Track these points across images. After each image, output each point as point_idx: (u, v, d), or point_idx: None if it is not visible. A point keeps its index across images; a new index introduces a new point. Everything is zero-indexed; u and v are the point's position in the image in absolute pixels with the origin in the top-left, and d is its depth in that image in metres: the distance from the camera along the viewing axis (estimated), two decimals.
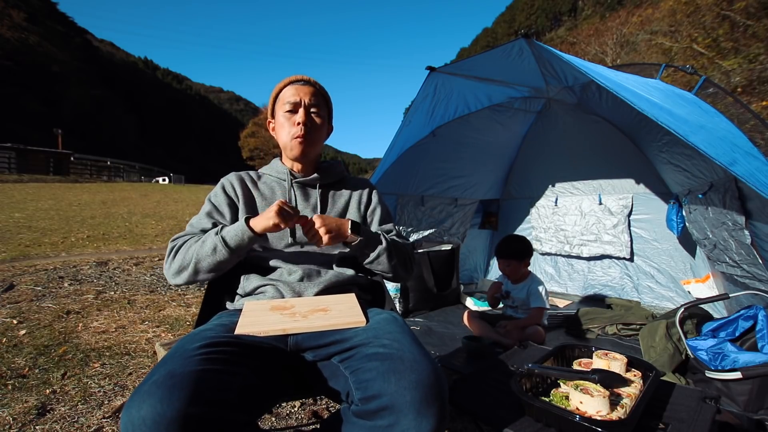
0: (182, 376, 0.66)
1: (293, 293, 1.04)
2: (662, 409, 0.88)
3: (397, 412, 0.69)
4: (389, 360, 0.76)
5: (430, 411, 0.69)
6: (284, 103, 1.16)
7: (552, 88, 3.14)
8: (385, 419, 0.70)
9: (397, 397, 0.70)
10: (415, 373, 0.73)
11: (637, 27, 20.86)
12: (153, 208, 10.95)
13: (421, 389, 0.71)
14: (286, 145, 1.18)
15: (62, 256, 4.70)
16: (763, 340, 1.68)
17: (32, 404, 1.61)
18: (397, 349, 0.79)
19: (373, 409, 0.71)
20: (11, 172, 17.90)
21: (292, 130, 1.16)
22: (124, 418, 0.63)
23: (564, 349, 1.11)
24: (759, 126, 2.03)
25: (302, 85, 1.18)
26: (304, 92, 1.17)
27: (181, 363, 0.70)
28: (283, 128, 1.17)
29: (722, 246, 2.19)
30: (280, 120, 1.18)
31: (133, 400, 0.64)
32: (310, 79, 1.20)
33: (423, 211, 3.55)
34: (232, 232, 0.99)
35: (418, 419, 0.68)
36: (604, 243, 3.49)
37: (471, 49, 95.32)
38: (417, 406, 0.69)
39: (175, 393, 0.63)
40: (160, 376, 0.66)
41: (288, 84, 1.19)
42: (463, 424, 1.55)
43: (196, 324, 1.17)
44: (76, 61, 79.06)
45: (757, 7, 11.89)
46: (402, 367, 0.74)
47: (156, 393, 0.63)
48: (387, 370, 0.74)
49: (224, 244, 0.98)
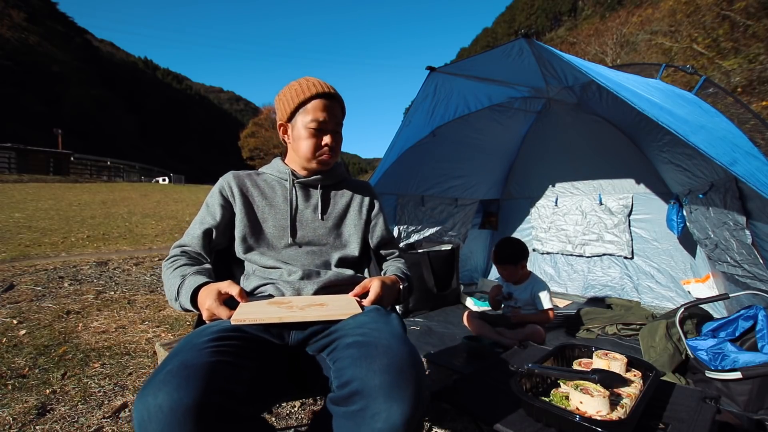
0: (196, 367, 0.67)
1: (294, 291, 1.05)
2: (662, 409, 0.88)
3: (367, 396, 0.69)
4: (364, 347, 0.77)
5: (400, 395, 0.68)
6: (310, 118, 1.12)
7: (552, 88, 3.14)
8: (357, 404, 0.70)
9: (367, 381, 0.70)
10: (386, 357, 0.73)
11: (637, 27, 20.86)
12: (153, 208, 10.95)
13: (391, 373, 0.71)
14: (306, 159, 1.17)
15: (62, 256, 4.70)
16: (763, 340, 1.68)
17: (32, 404, 1.61)
18: (375, 337, 0.80)
19: (346, 394, 0.72)
20: (11, 172, 17.89)
21: (317, 149, 1.15)
22: (139, 406, 0.64)
23: (564, 349, 1.11)
24: (759, 126, 2.03)
25: (329, 101, 1.15)
26: (331, 110, 1.15)
27: (193, 355, 0.71)
28: (305, 142, 1.15)
29: (723, 246, 2.19)
30: (302, 132, 1.14)
31: (147, 389, 0.65)
32: (336, 92, 1.17)
33: (423, 212, 3.55)
34: (184, 295, 0.95)
35: (388, 403, 0.68)
36: (605, 243, 3.49)
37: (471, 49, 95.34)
38: (386, 390, 0.69)
39: (191, 382, 0.64)
40: (174, 366, 0.67)
41: (315, 96, 1.13)
42: (463, 424, 1.55)
43: (196, 324, 1.17)
44: (76, 61, 79.07)
45: (757, 7, 11.89)
46: (375, 352, 0.75)
47: (172, 381, 0.64)
48: (360, 356, 0.75)
49: (177, 301, 0.98)
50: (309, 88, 1.13)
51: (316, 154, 1.16)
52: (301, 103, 1.13)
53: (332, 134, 1.16)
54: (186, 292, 0.94)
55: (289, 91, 1.16)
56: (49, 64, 66.74)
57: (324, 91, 1.14)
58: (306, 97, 1.13)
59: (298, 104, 1.13)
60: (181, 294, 0.96)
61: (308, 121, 1.13)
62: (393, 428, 0.67)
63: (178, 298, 0.96)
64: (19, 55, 59.96)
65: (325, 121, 1.13)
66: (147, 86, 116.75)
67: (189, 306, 0.94)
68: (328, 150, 1.16)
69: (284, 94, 1.17)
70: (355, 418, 0.70)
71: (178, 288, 0.96)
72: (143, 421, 0.63)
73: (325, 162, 1.18)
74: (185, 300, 0.94)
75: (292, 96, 1.14)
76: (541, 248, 3.93)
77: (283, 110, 1.17)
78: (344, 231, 1.22)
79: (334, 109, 1.16)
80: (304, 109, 1.14)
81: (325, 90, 1.14)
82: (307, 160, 1.17)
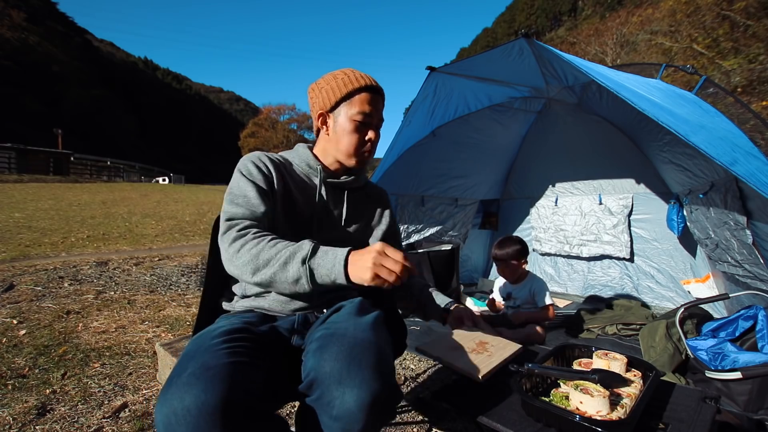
0: (218, 368, 0.67)
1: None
2: (662, 409, 0.88)
3: (321, 383, 0.70)
4: (324, 338, 0.77)
5: (352, 381, 0.68)
6: (356, 111, 1.08)
7: (552, 88, 3.14)
8: (315, 392, 0.71)
9: (319, 369, 0.71)
10: (338, 345, 0.73)
11: (637, 27, 20.87)
12: (153, 208, 10.95)
13: (341, 360, 0.70)
14: (347, 154, 1.11)
15: (62, 256, 4.70)
16: (763, 340, 1.68)
17: (32, 404, 1.61)
18: (337, 328, 0.80)
19: (306, 385, 0.72)
20: (11, 172, 17.90)
21: (360, 144, 1.11)
22: (164, 409, 0.63)
23: (564, 349, 1.11)
24: (759, 126, 2.03)
25: (376, 95, 1.11)
26: (377, 105, 1.11)
27: (211, 356, 0.70)
28: (349, 136, 1.09)
29: (724, 246, 2.19)
30: (346, 125, 1.09)
31: (171, 392, 0.64)
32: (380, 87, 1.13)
33: (423, 212, 3.55)
34: (324, 269, 0.84)
35: (340, 389, 0.68)
36: (604, 243, 3.49)
37: (471, 49, 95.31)
38: (337, 377, 0.69)
39: (217, 383, 0.64)
40: (196, 368, 0.67)
41: (363, 88, 1.08)
42: (463, 424, 1.55)
43: (195, 324, 1.16)
44: (76, 61, 79.08)
45: (757, 7, 11.90)
46: (330, 341, 0.75)
47: (198, 384, 0.64)
48: (318, 346, 0.75)
49: (310, 279, 0.85)
50: (357, 80, 1.08)
51: (359, 150, 1.11)
52: (348, 93, 1.08)
53: (375, 130, 1.12)
54: (328, 259, 0.84)
55: (335, 80, 1.10)
56: (49, 64, 66.74)
57: (373, 84, 1.10)
58: (354, 87, 1.08)
59: (345, 94, 1.08)
60: (317, 261, 0.84)
61: (354, 113, 1.08)
62: (348, 414, 0.67)
63: (308, 262, 0.84)
64: (19, 55, 59.97)
65: (371, 114, 1.09)
66: (147, 86, 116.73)
67: (333, 271, 0.83)
68: (371, 146, 1.12)
69: (327, 83, 1.10)
70: (316, 407, 0.71)
71: (306, 257, 0.85)
72: (170, 425, 0.62)
73: (366, 159, 1.14)
74: (339, 261, 0.83)
75: (339, 85, 1.08)
76: (541, 248, 3.93)
77: (326, 99, 1.10)
78: (362, 241, 1.20)
79: (379, 104, 1.12)
80: (351, 101, 1.08)
81: (374, 83, 1.10)
82: (348, 155, 1.11)
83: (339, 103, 1.09)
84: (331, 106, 1.10)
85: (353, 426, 0.68)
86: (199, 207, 11.88)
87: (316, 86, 1.14)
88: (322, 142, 1.16)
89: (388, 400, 0.71)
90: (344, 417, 0.67)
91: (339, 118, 1.10)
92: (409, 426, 1.56)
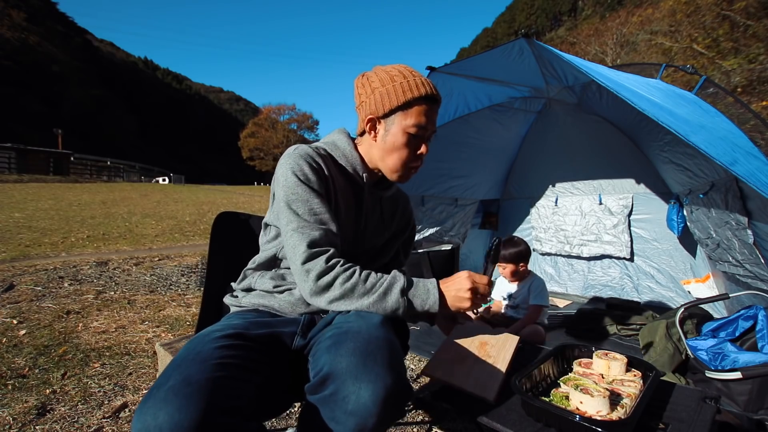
0: (199, 384, 0.65)
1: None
2: (662, 409, 0.88)
3: (336, 378, 0.69)
4: (337, 336, 0.77)
5: (368, 376, 0.68)
6: (412, 122, 0.98)
7: (552, 88, 3.14)
8: (329, 388, 0.70)
9: (335, 364, 0.70)
10: (354, 341, 0.73)
11: (637, 27, 20.89)
12: (153, 208, 10.95)
13: (357, 355, 0.70)
14: (393, 168, 1.03)
15: (62, 256, 4.70)
16: (763, 340, 1.68)
17: (32, 404, 1.61)
18: (349, 326, 0.80)
19: (318, 381, 0.72)
20: (11, 172, 17.90)
21: (410, 159, 1.02)
22: (137, 424, 0.62)
23: (564, 349, 1.11)
24: (759, 126, 2.03)
25: (434, 105, 1.02)
26: (433, 116, 1.02)
27: (197, 368, 0.68)
28: (399, 149, 1.00)
29: (726, 245, 2.19)
30: (399, 137, 0.99)
31: (147, 407, 0.62)
32: (439, 95, 1.04)
33: (423, 212, 3.55)
34: (419, 299, 0.88)
35: (356, 384, 0.67)
36: (604, 243, 3.49)
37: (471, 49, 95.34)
38: (353, 371, 0.68)
39: (193, 402, 0.62)
40: (177, 383, 0.65)
41: (424, 98, 0.98)
42: (463, 424, 1.55)
43: (198, 324, 1.16)
44: (76, 61, 79.09)
45: (757, 7, 11.90)
46: (344, 338, 0.75)
47: (173, 401, 0.62)
48: (332, 344, 0.75)
49: (408, 309, 0.88)
50: (417, 87, 0.98)
51: (407, 165, 1.03)
52: (406, 102, 0.97)
53: (427, 143, 1.03)
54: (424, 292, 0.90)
55: (392, 83, 0.98)
56: (49, 64, 66.75)
57: (433, 93, 1.00)
58: (414, 97, 0.97)
59: (402, 103, 0.97)
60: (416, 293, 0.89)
61: (409, 125, 0.98)
62: (364, 409, 0.67)
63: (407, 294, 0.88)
64: (19, 55, 60.00)
65: (426, 127, 1.00)
66: (147, 86, 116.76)
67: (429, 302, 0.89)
68: (420, 162, 1.04)
69: (383, 84, 0.99)
70: (328, 403, 0.70)
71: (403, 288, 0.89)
72: None
73: (411, 175, 1.06)
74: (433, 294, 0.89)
75: (396, 91, 0.97)
76: (541, 248, 3.93)
77: (379, 103, 0.99)
78: (389, 245, 1.18)
79: (435, 115, 1.03)
80: (408, 111, 0.98)
81: (434, 92, 1.00)
82: (394, 169, 1.03)
83: (394, 111, 0.99)
84: (385, 112, 0.99)
85: (368, 420, 0.67)
86: (199, 207, 11.87)
87: (368, 84, 1.03)
88: (366, 145, 1.07)
89: (401, 396, 0.72)
90: (359, 412, 0.67)
91: (391, 128, 1.00)
92: (409, 426, 1.56)
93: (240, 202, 14.53)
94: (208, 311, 1.16)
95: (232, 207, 11.97)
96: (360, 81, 1.06)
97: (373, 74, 1.03)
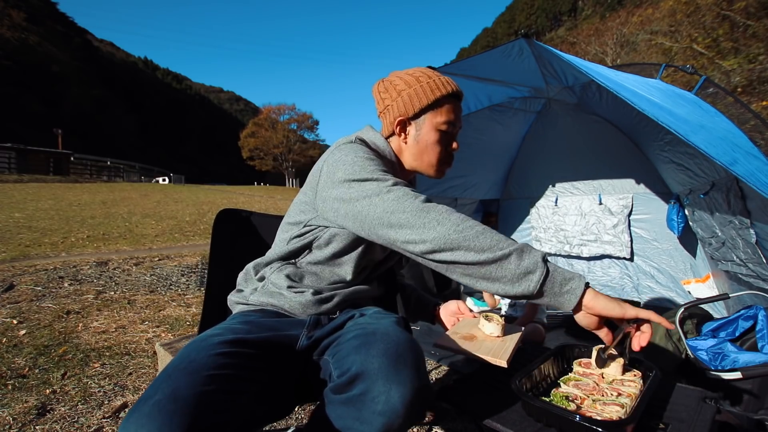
0: (186, 400, 0.64)
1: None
2: (662, 409, 0.88)
3: (367, 378, 0.69)
4: (364, 336, 0.78)
5: (399, 377, 0.69)
6: (443, 120, 1.01)
7: (552, 88, 3.14)
8: (358, 388, 0.70)
9: (367, 364, 0.70)
10: (384, 343, 0.74)
11: (637, 27, 20.90)
12: (153, 208, 10.95)
13: (389, 356, 0.71)
14: (430, 165, 1.06)
15: (62, 256, 4.70)
16: (763, 340, 1.68)
17: (32, 404, 1.61)
18: (374, 327, 0.81)
19: (346, 380, 0.72)
20: (11, 172, 17.90)
21: (445, 155, 1.06)
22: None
23: (564, 349, 1.11)
24: (759, 126, 2.03)
25: (459, 102, 1.05)
26: (460, 113, 1.05)
27: (186, 381, 0.67)
28: (434, 147, 1.03)
29: (730, 244, 2.19)
30: (431, 136, 1.02)
31: (130, 422, 0.61)
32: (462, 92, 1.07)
33: None
34: (560, 276, 0.78)
35: (387, 385, 0.68)
36: (604, 243, 3.49)
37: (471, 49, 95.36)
38: (385, 372, 0.69)
39: (176, 420, 0.61)
40: (163, 397, 0.63)
41: (451, 95, 1.02)
42: (463, 424, 1.55)
43: (200, 323, 1.16)
44: (76, 61, 79.12)
45: (757, 7, 11.91)
46: (373, 339, 0.76)
47: (157, 418, 0.61)
48: (360, 344, 0.76)
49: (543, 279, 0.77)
50: (444, 85, 1.01)
51: (443, 161, 1.06)
52: (436, 101, 0.99)
53: (456, 140, 1.07)
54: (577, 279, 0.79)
55: (418, 84, 1.01)
56: (49, 64, 66.78)
57: (458, 90, 1.04)
58: (442, 94, 1.00)
59: (432, 102, 0.99)
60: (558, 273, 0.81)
61: (440, 123, 1.01)
62: (392, 410, 0.67)
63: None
64: (19, 55, 60.02)
65: (455, 123, 1.03)
66: (147, 86, 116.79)
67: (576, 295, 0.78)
68: (452, 158, 1.07)
69: (409, 86, 1.01)
70: (355, 403, 0.70)
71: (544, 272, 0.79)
72: None
73: (446, 171, 1.08)
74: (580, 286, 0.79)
75: (425, 91, 1.00)
76: (541, 248, 3.93)
77: (408, 105, 1.01)
78: None
79: (460, 112, 1.06)
80: (438, 110, 1.01)
81: (459, 90, 1.04)
82: (432, 166, 1.06)
83: (425, 110, 1.01)
84: (415, 113, 1.01)
85: (395, 421, 0.68)
86: (199, 207, 11.87)
87: (392, 88, 1.04)
88: (395, 147, 1.08)
89: (426, 398, 0.73)
90: (388, 412, 0.67)
91: (423, 127, 1.02)
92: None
93: (240, 202, 14.53)
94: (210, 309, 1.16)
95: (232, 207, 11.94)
96: (381, 86, 1.07)
97: (395, 78, 1.05)
